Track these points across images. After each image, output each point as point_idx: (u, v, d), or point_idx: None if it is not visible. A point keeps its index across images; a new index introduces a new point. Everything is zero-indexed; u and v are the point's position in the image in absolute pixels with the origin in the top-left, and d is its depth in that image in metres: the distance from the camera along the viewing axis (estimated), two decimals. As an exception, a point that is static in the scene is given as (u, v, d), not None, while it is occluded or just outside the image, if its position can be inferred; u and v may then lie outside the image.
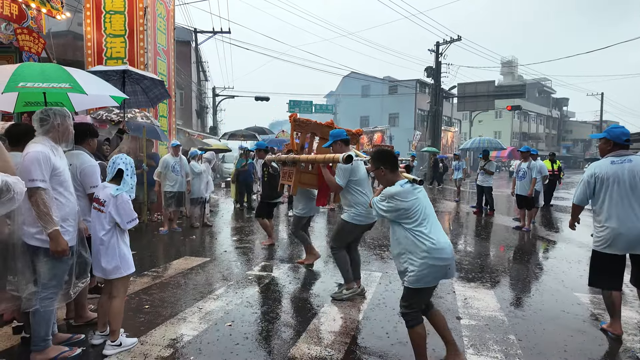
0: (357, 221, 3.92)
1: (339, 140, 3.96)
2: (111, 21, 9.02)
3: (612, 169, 3.29)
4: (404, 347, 3.05)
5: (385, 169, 2.69)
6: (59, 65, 3.65)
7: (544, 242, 7.17)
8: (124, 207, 2.81)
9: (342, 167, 3.80)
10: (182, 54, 20.25)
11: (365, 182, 3.97)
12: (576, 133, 64.27)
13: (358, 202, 3.89)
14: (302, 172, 4.46)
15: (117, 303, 2.88)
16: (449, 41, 24.69)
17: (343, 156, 3.56)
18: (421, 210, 2.57)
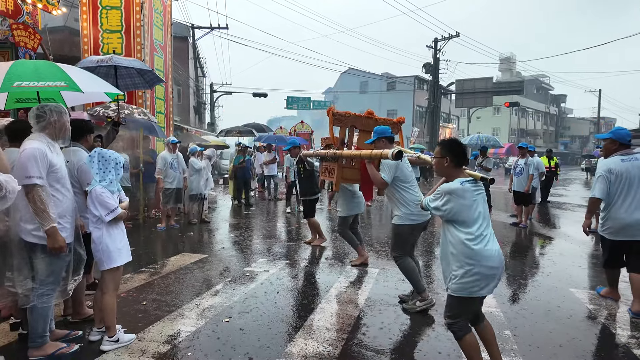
0: (411, 221, 3.65)
1: (383, 137, 3.73)
2: (108, 16, 8.97)
3: (624, 166, 3.69)
4: (400, 342, 3.07)
5: (450, 160, 2.48)
6: (52, 62, 3.62)
7: (541, 238, 7.20)
8: (99, 200, 2.78)
9: (388, 162, 3.59)
10: (180, 50, 20.14)
11: (411, 178, 3.76)
12: (574, 129, 64.42)
13: (407, 200, 3.67)
14: (344, 167, 4.27)
15: (107, 298, 2.87)
16: (448, 38, 24.67)
17: (393, 152, 3.26)
18: (477, 213, 2.38)
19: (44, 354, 2.67)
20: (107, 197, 2.81)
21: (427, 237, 7.01)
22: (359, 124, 4.29)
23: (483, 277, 2.35)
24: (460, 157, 2.48)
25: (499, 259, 2.38)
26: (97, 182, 2.82)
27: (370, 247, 6.12)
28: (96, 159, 2.83)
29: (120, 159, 2.94)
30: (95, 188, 2.80)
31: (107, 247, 2.82)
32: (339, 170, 4.24)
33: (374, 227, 7.87)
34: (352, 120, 4.28)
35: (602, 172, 3.76)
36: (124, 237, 2.98)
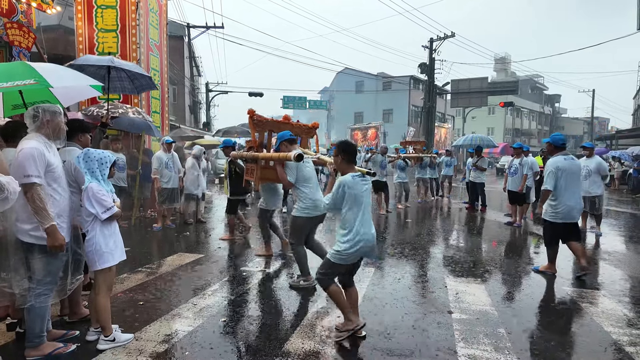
0: (306, 214, 4.19)
1: (284, 141, 4.27)
2: (103, 16, 8.92)
3: (566, 163, 4.75)
4: (397, 341, 3.11)
5: (342, 157, 3.09)
6: (24, 62, 3.62)
7: (535, 237, 7.27)
8: (95, 198, 2.77)
9: (290, 164, 4.14)
10: (175, 49, 20.08)
11: (312, 178, 4.28)
12: (568, 129, 64.85)
13: (304, 197, 4.18)
14: (263, 168, 4.69)
15: (99, 299, 2.86)
16: (443, 38, 24.78)
17: (294, 154, 3.87)
18: (360, 203, 2.99)
19: (41, 354, 2.67)
20: (104, 195, 2.81)
21: (427, 237, 7.06)
22: (277, 129, 4.74)
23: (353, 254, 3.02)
24: (350, 155, 3.09)
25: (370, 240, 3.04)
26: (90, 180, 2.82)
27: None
28: (82, 159, 2.84)
29: (107, 159, 2.90)
30: (91, 185, 2.79)
31: (100, 247, 2.81)
32: (257, 171, 4.67)
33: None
34: (270, 125, 4.76)
35: (551, 169, 4.74)
36: (118, 237, 2.98)
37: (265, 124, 4.72)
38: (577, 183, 4.82)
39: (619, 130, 29.52)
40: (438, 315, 3.60)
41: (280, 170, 4.24)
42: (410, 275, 4.79)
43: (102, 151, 2.94)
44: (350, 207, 3.00)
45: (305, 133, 5.00)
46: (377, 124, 30.04)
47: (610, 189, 17.57)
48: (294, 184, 4.22)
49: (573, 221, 4.78)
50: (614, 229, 8.12)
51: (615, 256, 5.87)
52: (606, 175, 7.34)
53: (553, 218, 4.80)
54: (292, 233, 4.37)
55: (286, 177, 4.20)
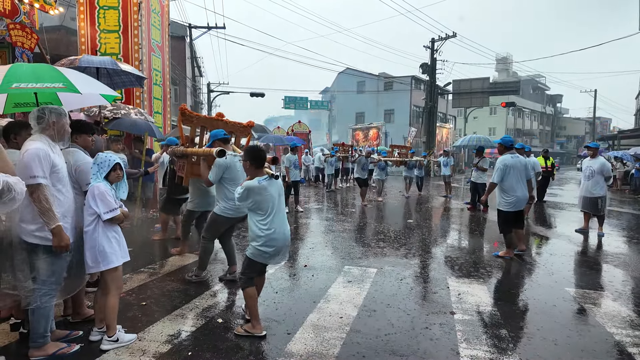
0: (228, 214, 4.19)
1: (217, 139, 4.16)
2: (105, 16, 8.95)
3: (512, 161, 5.56)
4: (399, 341, 3.11)
5: (250, 163, 3.15)
6: (50, 65, 3.63)
7: (537, 237, 7.26)
8: (101, 197, 2.80)
9: (217, 162, 4.07)
10: (177, 50, 20.12)
11: (239, 178, 4.15)
12: (570, 129, 64.79)
13: (229, 198, 4.13)
14: (193, 164, 4.61)
15: (109, 299, 2.89)
16: (444, 38, 24.75)
17: (216, 150, 3.81)
18: (270, 204, 3.10)
19: (45, 354, 2.68)
20: (109, 196, 2.83)
21: (429, 238, 7.05)
22: (209, 125, 4.66)
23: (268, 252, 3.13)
24: (257, 160, 3.15)
25: (282, 239, 3.16)
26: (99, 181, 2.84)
27: (368, 248, 6.16)
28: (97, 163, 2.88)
29: (112, 160, 2.92)
30: (98, 184, 2.82)
31: (103, 247, 2.83)
32: (188, 167, 4.66)
33: (373, 230, 7.91)
34: (201, 121, 4.69)
35: (500, 166, 5.52)
36: (121, 238, 3.00)
37: (197, 120, 4.65)
38: (523, 177, 5.64)
39: (621, 131, 29.42)
40: (440, 316, 3.60)
41: (203, 167, 4.21)
42: (413, 276, 4.79)
43: (106, 154, 2.96)
44: (259, 208, 3.09)
45: (239, 131, 4.88)
46: (378, 124, 29.98)
47: (613, 189, 17.52)
48: (214, 183, 4.18)
49: (520, 209, 5.64)
50: (616, 229, 8.10)
51: (618, 257, 5.85)
52: (610, 176, 7.30)
53: (507, 208, 5.57)
54: (208, 228, 4.39)
55: (207, 175, 4.16)
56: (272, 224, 3.11)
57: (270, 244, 3.11)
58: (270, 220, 3.10)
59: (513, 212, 5.57)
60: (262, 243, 3.10)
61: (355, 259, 5.46)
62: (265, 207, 3.09)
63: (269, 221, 3.10)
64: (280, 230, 3.15)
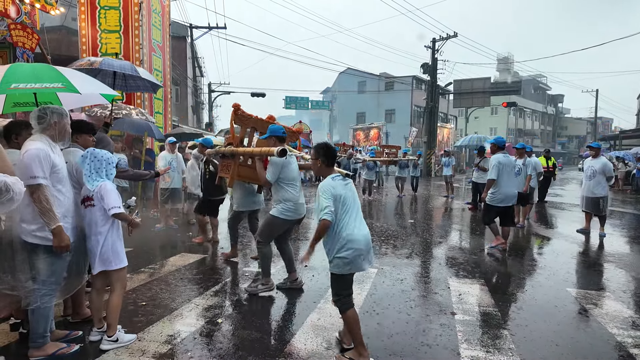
0: (286, 216, 4.00)
1: (274, 136, 4.03)
2: (106, 16, 8.96)
3: (505, 160, 6.03)
4: (400, 342, 3.10)
5: (322, 161, 2.91)
6: (49, 65, 3.62)
7: (538, 238, 7.24)
8: (106, 195, 2.83)
9: (274, 161, 3.90)
10: (178, 50, 20.13)
11: (296, 178, 4.06)
12: (571, 129, 64.64)
13: (287, 198, 3.97)
14: (241, 166, 4.49)
15: (114, 298, 2.91)
16: (445, 38, 24.71)
17: (278, 149, 3.69)
18: (346, 203, 2.78)
19: (45, 354, 2.68)
20: (116, 195, 2.87)
21: (430, 238, 7.04)
22: (260, 127, 4.53)
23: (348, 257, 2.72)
24: (329, 158, 2.91)
25: (364, 241, 2.77)
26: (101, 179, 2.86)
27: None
28: (88, 159, 2.86)
29: (112, 159, 2.96)
30: (105, 182, 2.85)
31: (116, 246, 2.90)
32: (234, 168, 4.46)
33: (373, 230, 7.90)
34: (253, 122, 4.54)
35: (495, 163, 5.95)
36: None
37: (249, 120, 4.51)
38: (512, 175, 6.18)
39: (623, 131, 29.37)
40: (441, 317, 3.59)
41: (260, 167, 4.05)
42: (413, 276, 4.78)
43: (107, 152, 2.97)
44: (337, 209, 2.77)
45: (288, 136, 4.70)
46: (379, 124, 29.94)
47: (614, 190, 17.48)
48: (273, 184, 3.98)
49: (508, 204, 5.98)
50: (617, 229, 8.08)
51: (619, 257, 5.83)
52: (611, 176, 7.28)
53: (492, 202, 6.01)
54: (262, 232, 4.12)
55: (264, 175, 3.98)
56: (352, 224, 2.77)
57: (349, 247, 2.73)
58: (349, 219, 2.77)
59: (498, 206, 5.98)
60: (341, 248, 2.72)
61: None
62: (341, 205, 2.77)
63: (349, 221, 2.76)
64: (361, 232, 2.78)
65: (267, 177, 3.96)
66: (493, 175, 5.94)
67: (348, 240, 2.73)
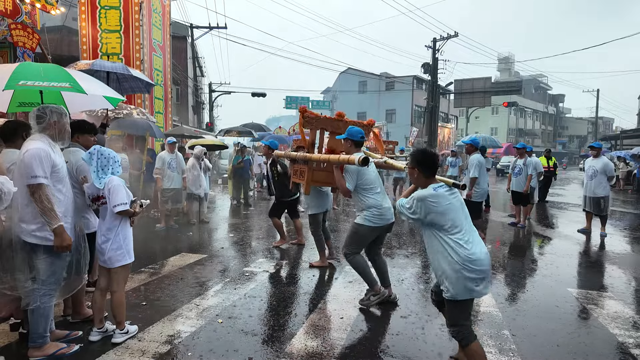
0: (372, 223, 3.70)
1: (350, 139, 3.76)
2: (106, 16, 8.97)
3: (482, 160, 6.66)
4: (399, 342, 3.09)
5: (420, 171, 2.55)
6: (57, 65, 3.63)
7: (539, 238, 7.23)
8: (112, 191, 2.84)
9: (350, 169, 3.68)
10: (178, 50, 20.11)
11: (375, 182, 3.78)
12: (572, 129, 64.60)
13: (369, 205, 3.71)
14: (315, 170, 4.26)
15: (118, 295, 2.95)
16: (446, 37, 24.68)
17: (359, 158, 3.35)
18: (454, 216, 2.42)
19: (45, 354, 2.67)
20: (122, 191, 2.87)
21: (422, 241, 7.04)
22: (330, 127, 4.28)
23: (471, 280, 2.35)
24: (429, 168, 2.53)
25: (486, 260, 2.40)
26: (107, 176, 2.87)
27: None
28: (95, 157, 2.86)
29: (118, 157, 2.99)
30: (112, 177, 2.87)
31: (127, 244, 2.97)
32: (309, 174, 4.22)
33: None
34: (322, 123, 4.27)
35: (476, 163, 6.48)
36: None
37: (318, 121, 4.25)
38: (486, 173, 6.89)
39: (624, 131, 29.30)
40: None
41: (339, 175, 3.73)
42: (413, 276, 4.77)
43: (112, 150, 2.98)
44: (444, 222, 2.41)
45: None
46: (380, 124, 29.97)
47: (615, 189, 17.46)
48: (352, 191, 3.73)
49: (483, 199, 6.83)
50: (619, 229, 8.06)
51: (621, 257, 5.82)
52: (612, 176, 7.27)
53: (476, 198, 6.52)
54: (349, 242, 3.84)
55: (345, 184, 3.68)
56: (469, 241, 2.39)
57: (472, 267, 2.34)
58: (464, 235, 2.40)
59: (480, 201, 6.72)
60: (462, 270, 2.34)
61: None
62: (448, 220, 2.40)
63: (464, 237, 2.39)
64: (479, 250, 2.40)
65: (348, 186, 3.69)
66: (476, 173, 6.43)
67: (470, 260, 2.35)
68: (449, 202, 2.44)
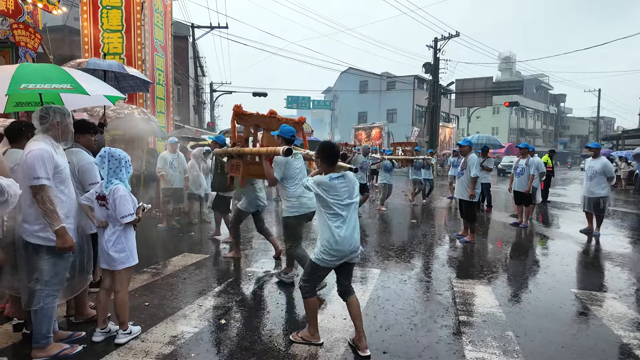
0: (292, 213, 4.08)
1: (282, 137, 4.12)
2: (108, 16, 8.96)
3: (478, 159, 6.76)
4: (403, 343, 3.08)
5: (322, 160, 3.00)
6: (56, 65, 3.61)
7: (541, 238, 7.21)
8: (120, 201, 2.83)
9: (278, 161, 4.06)
10: (180, 49, 20.12)
11: (298, 175, 4.12)
12: (573, 129, 64.50)
13: (289, 195, 4.10)
14: (249, 164, 4.58)
15: (122, 296, 2.95)
16: (447, 37, 24.67)
17: (283, 149, 3.78)
18: (339, 204, 2.87)
19: (48, 355, 2.67)
20: (128, 201, 2.88)
21: (432, 238, 7.02)
22: (263, 123, 4.62)
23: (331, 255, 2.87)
24: (329, 158, 2.99)
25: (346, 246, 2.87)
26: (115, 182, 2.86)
27: (372, 249, 6.14)
28: (107, 159, 2.87)
29: (128, 158, 3.00)
30: (117, 187, 2.85)
31: (132, 245, 2.99)
32: (244, 167, 4.54)
33: (376, 231, 7.89)
34: (255, 119, 4.61)
35: (475, 162, 6.51)
36: None
37: (251, 118, 4.61)
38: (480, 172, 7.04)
39: (626, 131, 29.25)
40: (445, 318, 3.57)
41: (267, 166, 4.16)
42: (416, 277, 4.76)
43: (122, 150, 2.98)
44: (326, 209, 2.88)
45: None
46: (381, 124, 29.92)
47: (617, 190, 17.42)
48: (279, 181, 4.12)
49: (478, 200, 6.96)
50: (621, 230, 8.04)
51: (624, 258, 5.80)
52: (612, 176, 7.25)
53: (475, 198, 6.60)
54: (286, 238, 4.25)
55: (272, 173, 4.10)
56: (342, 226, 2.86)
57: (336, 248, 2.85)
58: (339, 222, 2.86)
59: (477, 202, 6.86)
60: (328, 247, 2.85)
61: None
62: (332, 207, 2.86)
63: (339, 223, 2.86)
64: (347, 234, 2.85)
65: (275, 174, 4.09)
66: (477, 172, 6.52)
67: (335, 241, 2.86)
68: (337, 192, 2.88)
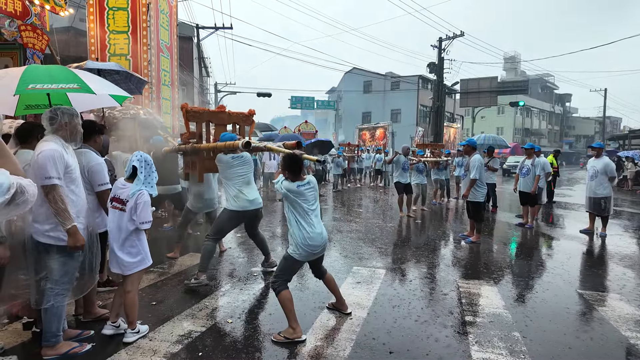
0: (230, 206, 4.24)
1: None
2: (114, 17, 9.02)
3: (482, 159, 6.70)
4: (409, 343, 3.08)
5: (288, 174, 3.21)
6: (63, 66, 3.65)
7: (547, 239, 7.18)
8: (142, 208, 2.91)
9: (222, 159, 4.20)
10: (184, 50, 20.21)
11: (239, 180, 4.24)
12: (579, 129, 64.05)
13: (228, 194, 4.26)
14: (206, 159, 4.66)
15: (132, 296, 3.00)
16: (452, 37, 24.58)
17: (242, 142, 3.84)
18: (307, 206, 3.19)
19: (58, 353, 2.71)
20: (150, 207, 2.96)
21: (438, 239, 7.01)
22: (215, 119, 4.75)
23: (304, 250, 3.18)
24: (294, 172, 3.20)
25: (315, 242, 3.19)
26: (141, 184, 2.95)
27: (377, 248, 6.14)
28: (144, 164, 2.98)
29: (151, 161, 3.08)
30: (142, 193, 2.93)
31: (146, 246, 3.04)
32: (200, 163, 4.65)
33: (381, 231, 7.88)
34: (207, 116, 4.73)
35: (478, 164, 6.49)
36: None
37: (202, 115, 4.72)
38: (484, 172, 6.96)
39: (632, 130, 29.02)
40: (451, 318, 3.57)
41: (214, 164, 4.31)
42: (422, 277, 4.76)
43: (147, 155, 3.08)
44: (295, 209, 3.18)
45: (242, 121, 4.98)
46: (385, 124, 29.85)
47: (624, 190, 17.30)
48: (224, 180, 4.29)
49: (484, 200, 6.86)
50: (628, 230, 7.98)
51: (631, 258, 5.76)
52: (614, 176, 7.21)
53: (482, 198, 6.62)
54: (215, 227, 4.37)
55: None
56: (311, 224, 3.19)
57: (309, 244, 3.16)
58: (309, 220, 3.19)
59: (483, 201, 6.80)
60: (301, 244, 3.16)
61: (363, 260, 5.43)
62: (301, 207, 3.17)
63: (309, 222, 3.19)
64: (317, 231, 3.21)
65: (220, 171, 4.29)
66: (477, 174, 6.47)
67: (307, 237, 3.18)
68: (305, 197, 3.18)
